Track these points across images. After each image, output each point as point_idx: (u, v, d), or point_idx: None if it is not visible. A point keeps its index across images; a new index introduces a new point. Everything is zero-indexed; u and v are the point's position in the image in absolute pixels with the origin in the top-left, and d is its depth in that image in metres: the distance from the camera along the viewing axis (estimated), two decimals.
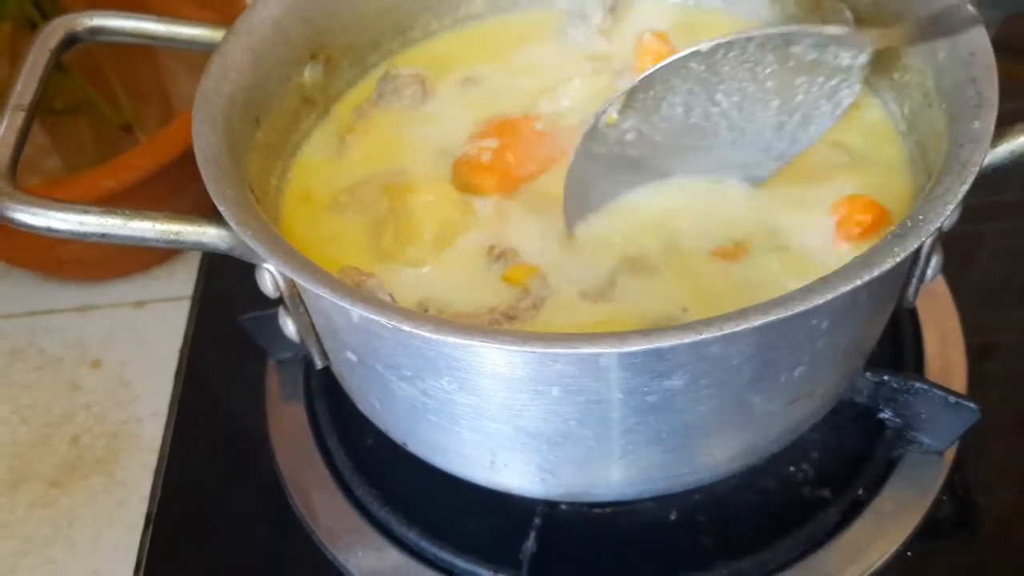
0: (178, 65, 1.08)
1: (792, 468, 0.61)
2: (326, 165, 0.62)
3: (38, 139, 1.06)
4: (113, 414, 0.91)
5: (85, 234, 0.48)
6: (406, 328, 0.40)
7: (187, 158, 0.94)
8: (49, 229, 0.47)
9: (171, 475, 0.67)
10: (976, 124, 0.46)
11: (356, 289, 0.44)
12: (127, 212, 0.48)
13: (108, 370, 0.94)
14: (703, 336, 0.39)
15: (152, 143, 0.89)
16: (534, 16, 0.72)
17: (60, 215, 0.47)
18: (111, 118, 0.98)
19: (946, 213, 0.42)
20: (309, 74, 0.62)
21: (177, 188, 0.91)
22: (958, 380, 0.63)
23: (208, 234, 0.49)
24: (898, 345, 0.65)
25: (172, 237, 0.49)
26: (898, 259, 0.41)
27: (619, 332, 0.39)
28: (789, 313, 0.39)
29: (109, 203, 0.88)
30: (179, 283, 0.98)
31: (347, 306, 0.42)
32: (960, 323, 0.67)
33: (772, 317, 0.39)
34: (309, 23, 0.62)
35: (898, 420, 0.60)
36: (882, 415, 0.60)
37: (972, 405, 0.56)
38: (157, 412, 0.91)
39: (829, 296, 0.39)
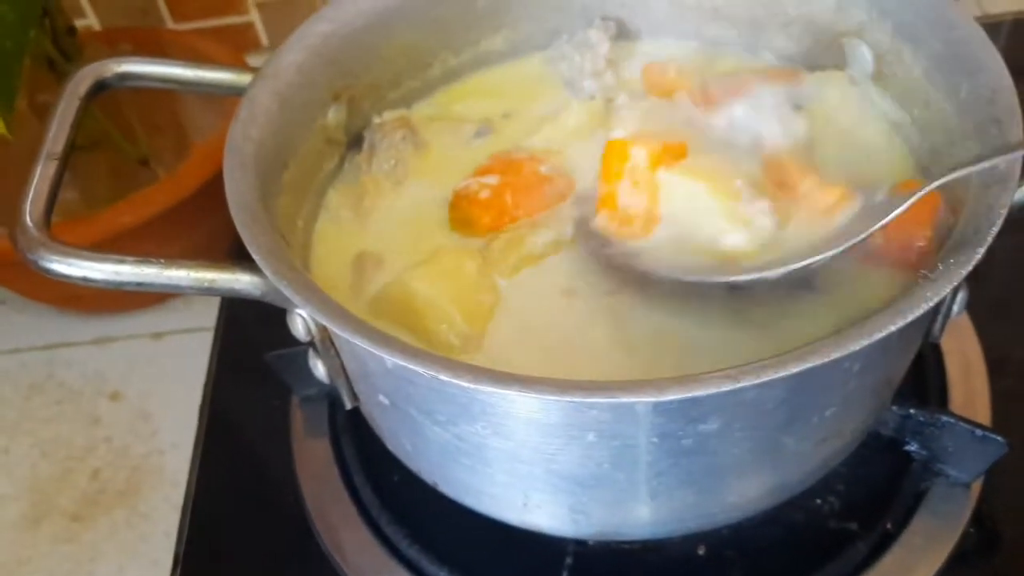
0: (194, 99, 1.09)
1: (819, 501, 0.61)
2: (344, 217, 0.62)
3: None
4: (134, 447, 0.91)
5: (121, 283, 0.48)
6: (443, 378, 0.41)
7: (203, 193, 0.96)
8: (85, 279, 0.48)
9: (197, 513, 0.67)
10: (1002, 165, 0.47)
11: (393, 339, 0.44)
12: (162, 261, 0.49)
13: (128, 402, 0.94)
14: (740, 384, 0.39)
15: (169, 180, 0.90)
16: (550, 55, 0.72)
17: (96, 265, 0.48)
18: (128, 152, 0.99)
19: (977, 257, 0.43)
20: (332, 115, 0.63)
21: (193, 222, 0.92)
22: (982, 410, 0.63)
23: (241, 281, 0.49)
24: (921, 376, 0.65)
25: (207, 285, 0.49)
26: (931, 303, 0.41)
27: (656, 380, 0.40)
28: (826, 360, 0.39)
29: (128, 238, 0.90)
30: (197, 315, 0.98)
31: (384, 355, 0.42)
32: (981, 349, 0.67)
33: (809, 364, 0.39)
34: (333, 65, 0.62)
35: (924, 452, 0.60)
36: (908, 447, 0.60)
37: (999, 438, 0.56)
38: (178, 444, 0.92)
39: (865, 343, 0.40)
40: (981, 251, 0.43)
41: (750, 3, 0.67)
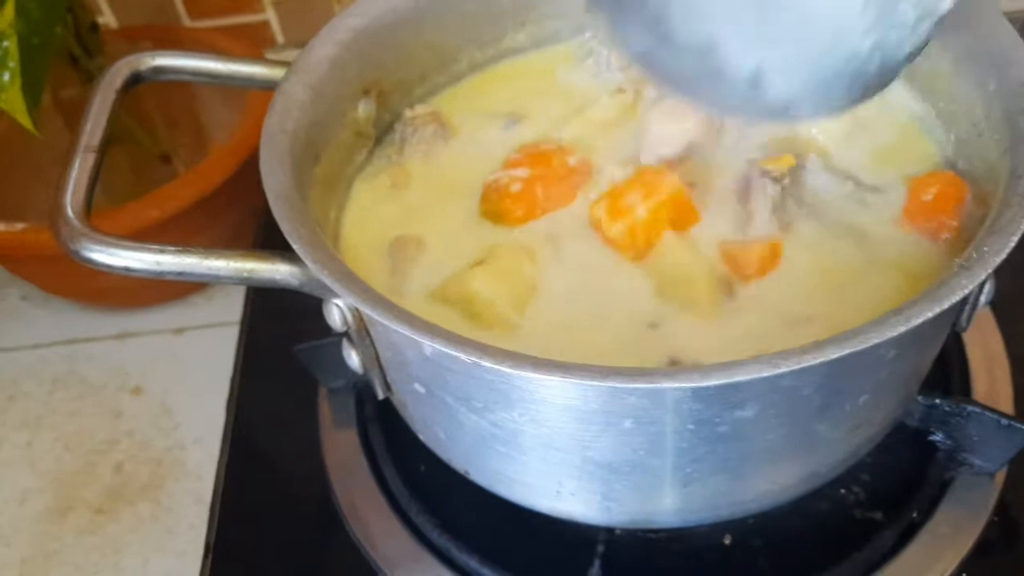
0: (212, 94, 1.10)
1: (844, 491, 0.62)
2: (377, 207, 0.63)
3: None
4: (157, 441, 0.91)
5: (162, 273, 0.49)
6: (486, 364, 0.41)
7: (226, 188, 0.96)
8: (127, 269, 0.49)
9: (227, 503, 0.68)
10: None
11: (434, 326, 0.44)
12: (202, 251, 0.49)
13: (150, 397, 0.95)
14: (780, 370, 0.40)
15: (193, 174, 0.90)
16: (574, 46, 0.73)
17: (138, 255, 0.48)
18: (150, 148, 1.00)
19: (1011, 245, 0.43)
20: (363, 109, 0.64)
21: (216, 216, 0.93)
22: (1005, 400, 0.64)
23: (281, 271, 0.50)
24: (945, 367, 0.66)
25: (246, 275, 0.50)
26: (967, 290, 0.42)
27: (698, 366, 0.40)
28: (864, 346, 0.40)
29: (153, 232, 0.90)
30: (217, 309, 0.99)
31: (426, 342, 0.43)
32: (1003, 339, 0.68)
33: (847, 350, 0.40)
34: (363, 59, 0.63)
35: (949, 442, 0.60)
36: (933, 437, 0.61)
37: (1023, 427, 0.57)
38: (200, 439, 0.92)
39: (903, 329, 0.40)
40: (1015, 239, 0.44)
41: None
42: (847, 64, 0.47)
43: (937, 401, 0.58)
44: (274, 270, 0.50)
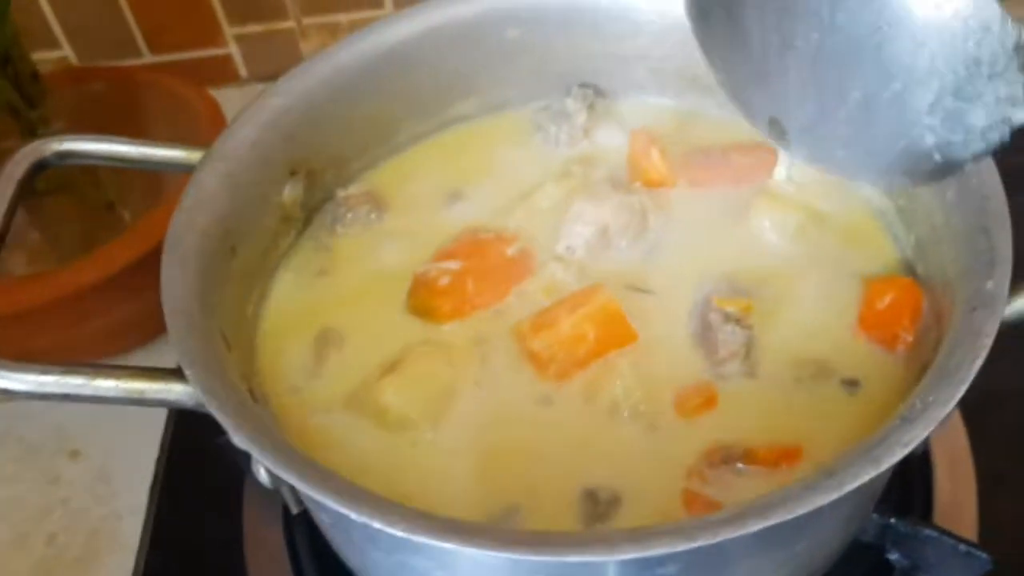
0: (168, 134, 1.06)
1: None
2: (302, 295, 0.59)
3: (20, 215, 1.04)
4: (93, 509, 0.87)
5: (45, 395, 0.45)
6: (376, 525, 0.38)
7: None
8: (5, 391, 0.45)
9: None
10: (989, 284, 0.43)
11: (329, 477, 0.41)
12: (89, 370, 0.46)
13: (88, 461, 0.91)
14: (695, 544, 0.36)
15: (133, 232, 0.86)
16: (524, 116, 0.70)
17: (17, 375, 0.45)
18: (93, 199, 0.96)
19: (959, 394, 0.40)
20: (289, 192, 0.60)
21: (158, 276, 0.89)
22: (968, 514, 0.60)
23: (175, 391, 0.46)
24: (907, 477, 0.61)
25: (137, 396, 0.46)
26: (908, 449, 0.38)
27: (609, 535, 0.37)
28: (791, 516, 0.37)
29: (89, 295, 0.87)
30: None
31: (320, 498, 0.39)
32: (970, 447, 0.64)
33: (772, 521, 0.37)
34: (290, 139, 0.59)
35: (906, 562, 0.57)
36: (889, 556, 0.57)
37: (983, 555, 0.53)
38: (136, 508, 0.88)
39: (834, 496, 0.37)
40: (964, 387, 0.40)
41: None
42: (905, 156, 0.47)
43: (892, 520, 0.55)
44: (167, 390, 0.46)
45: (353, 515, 0.38)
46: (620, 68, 0.67)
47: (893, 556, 0.57)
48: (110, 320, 0.89)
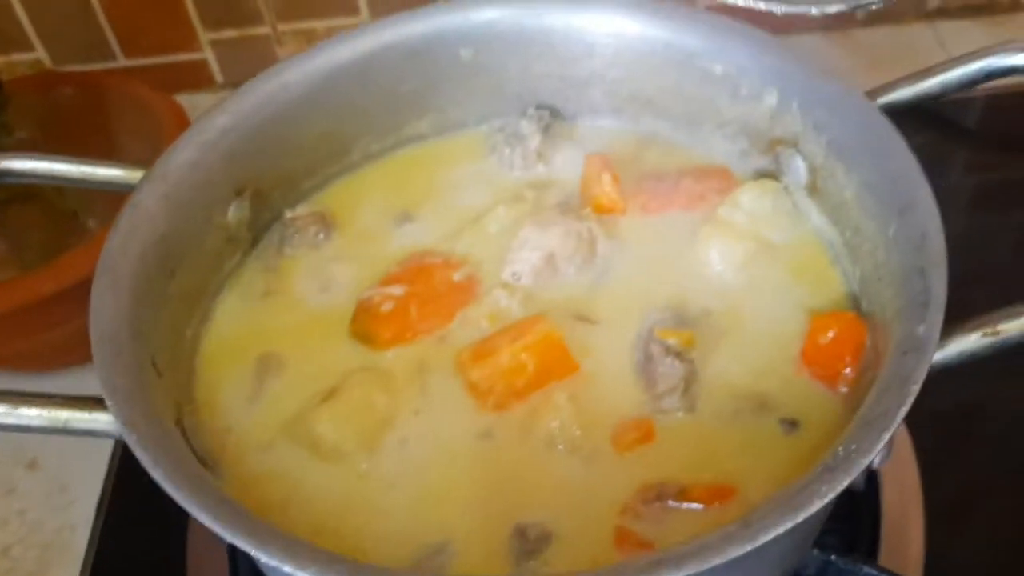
0: (134, 141, 1.06)
1: None
2: (245, 318, 0.59)
3: None
4: (48, 521, 0.87)
5: None
6: (287, 569, 0.37)
7: None
8: None
9: None
10: (921, 328, 0.43)
11: (242, 517, 0.40)
12: (13, 397, 0.45)
13: (45, 471, 0.90)
14: None
15: (95, 243, 0.85)
16: (479, 136, 0.69)
17: None
18: (58, 205, 0.95)
19: (883, 442, 0.39)
20: (233, 213, 0.59)
21: None
22: (915, 551, 0.59)
23: (100, 421, 0.45)
24: (855, 511, 0.61)
25: (61, 425, 0.45)
26: (827, 499, 0.38)
27: None
28: (706, 567, 0.36)
29: (51, 304, 0.86)
30: None
31: (232, 540, 0.39)
32: (920, 480, 0.63)
33: (684, 572, 0.36)
34: (234, 159, 0.58)
35: None
36: None
37: None
38: (91, 520, 0.88)
39: (748, 548, 0.36)
40: (888, 435, 0.39)
41: (684, 99, 0.63)
42: None
43: (832, 557, 0.54)
44: (92, 420, 0.45)
45: (263, 558, 0.37)
46: (576, 90, 0.67)
47: None
48: (71, 329, 0.88)
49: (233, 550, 0.63)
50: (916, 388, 0.41)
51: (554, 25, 0.63)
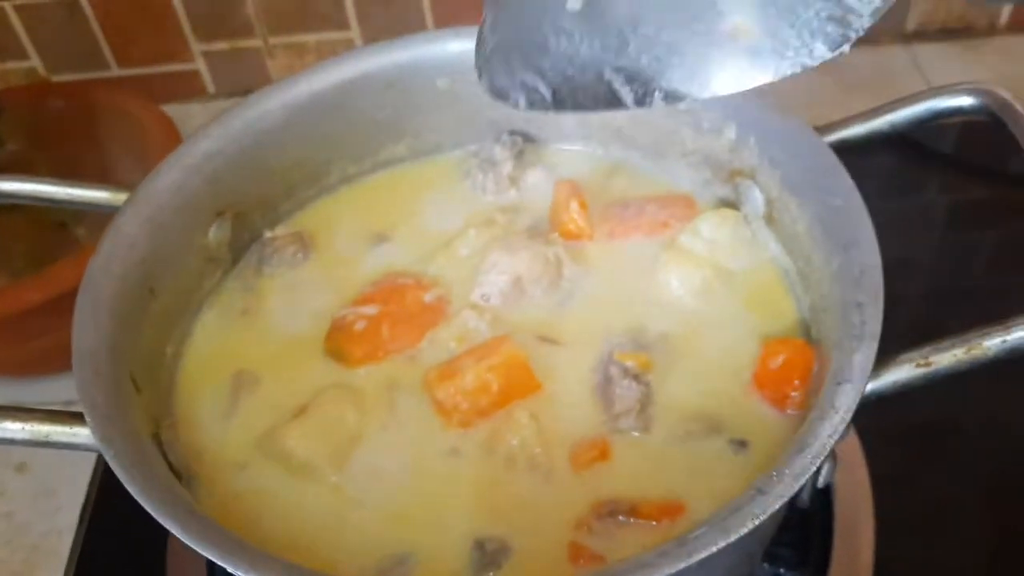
0: (124, 153, 1.08)
1: None
2: (224, 335, 0.61)
3: None
4: (35, 524, 0.89)
5: None
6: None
7: None
8: None
9: None
10: (856, 358, 0.45)
11: (210, 529, 0.43)
12: None
13: (33, 474, 0.92)
14: None
15: (83, 253, 0.88)
16: (454, 161, 0.71)
17: None
18: (46, 217, 0.97)
19: (813, 467, 0.42)
20: (215, 234, 0.62)
21: None
22: (865, 563, 0.62)
23: (80, 435, 0.48)
24: (807, 525, 0.64)
25: (42, 439, 0.48)
26: (758, 521, 0.40)
27: None
28: None
29: (34, 315, 0.88)
30: None
31: (201, 551, 0.41)
32: (872, 493, 0.66)
33: None
34: (216, 183, 0.61)
35: None
36: None
37: None
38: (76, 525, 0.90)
39: (681, 566, 0.39)
40: (819, 460, 0.42)
41: (651, 129, 0.66)
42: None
43: (781, 571, 0.57)
44: (72, 434, 0.48)
45: (229, 567, 0.40)
46: (548, 117, 0.69)
47: None
48: (57, 339, 0.90)
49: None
50: (847, 417, 0.43)
51: None
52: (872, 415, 0.47)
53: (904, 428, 0.69)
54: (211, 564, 0.64)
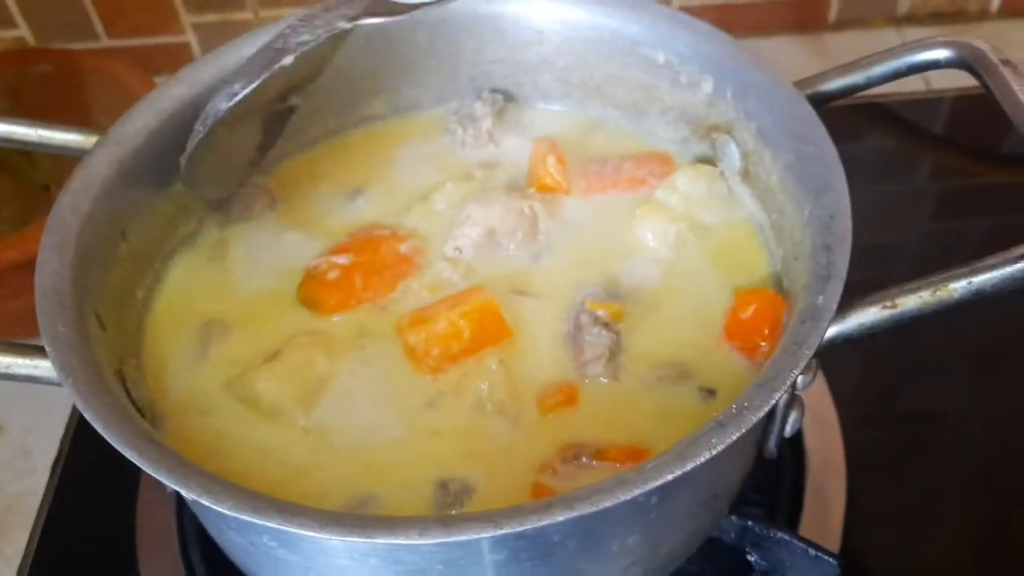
0: (110, 119, 1.08)
1: None
2: (197, 282, 0.61)
3: None
4: (11, 485, 0.88)
5: None
6: (204, 502, 0.39)
7: None
8: None
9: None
10: (820, 299, 0.45)
11: (166, 455, 0.42)
12: None
13: (10, 436, 0.92)
14: (502, 531, 0.38)
15: None
16: (435, 118, 0.71)
17: None
18: (30, 178, 0.97)
19: (772, 401, 0.41)
20: None
21: None
22: (835, 519, 0.62)
23: (41, 367, 0.47)
24: (779, 479, 0.64)
25: (3, 371, 0.47)
26: (715, 451, 0.40)
27: (419, 520, 0.38)
28: (595, 509, 0.38)
29: (13, 273, 0.88)
30: None
31: (155, 475, 0.41)
32: (844, 447, 0.66)
33: (577, 512, 0.38)
34: (188, 130, 0.60)
35: (764, 563, 0.59)
36: (749, 557, 0.59)
37: (831, 560, 0.55)
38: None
39: (636, 492, 0.38)
40: (778, 395, 0.42)
41: (629, 86, 0.66)
42: None
43: (749, 523, 0.56)
44: (33, 366, 0.47)
45: (183, 491, 0.39)
46: (528, 75, 0.69)
47: (752, 558, 0.59)
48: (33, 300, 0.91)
49: (180, 506, 0.65)
50: (809, 353, 0.43)
51: (505, 11, 0.66)
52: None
53: (872, 380, 0.70)
54: (180, 516, 0.65)
